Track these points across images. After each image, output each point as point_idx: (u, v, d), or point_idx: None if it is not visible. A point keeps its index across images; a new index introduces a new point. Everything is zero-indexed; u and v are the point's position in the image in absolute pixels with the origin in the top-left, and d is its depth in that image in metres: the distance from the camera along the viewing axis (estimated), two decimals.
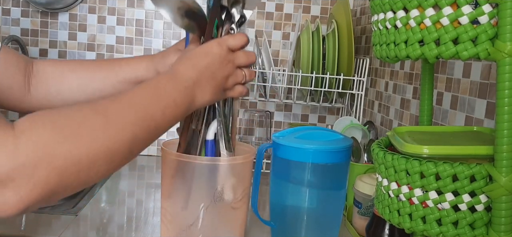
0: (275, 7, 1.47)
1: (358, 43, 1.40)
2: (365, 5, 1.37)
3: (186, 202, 0.73)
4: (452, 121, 0.86)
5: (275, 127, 1.53)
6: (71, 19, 1.45)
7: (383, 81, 1.23)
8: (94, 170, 0.42)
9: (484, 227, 0.52)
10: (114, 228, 0.91)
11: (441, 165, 0.52)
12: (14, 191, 0.38)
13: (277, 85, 1.28)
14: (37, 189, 0.38)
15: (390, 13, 0.55)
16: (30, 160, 0.38)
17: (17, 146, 0.38)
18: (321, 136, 0.84)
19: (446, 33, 0.50)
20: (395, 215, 0.57)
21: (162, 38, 1.47)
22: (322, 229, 0.83)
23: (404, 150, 0.55)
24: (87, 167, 0.41)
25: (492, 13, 0.48)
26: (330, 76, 1.22)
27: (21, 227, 0.87)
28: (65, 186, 0.41)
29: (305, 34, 1.24)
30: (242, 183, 0.74)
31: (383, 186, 0.59)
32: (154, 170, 1.38)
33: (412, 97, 1.05)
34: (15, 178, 0.37)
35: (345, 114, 1.40)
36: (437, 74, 0.92)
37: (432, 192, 0.53)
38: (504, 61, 0.47)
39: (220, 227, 0.73)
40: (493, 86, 0.74)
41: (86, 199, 1.05)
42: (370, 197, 0.87)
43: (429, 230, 0.54)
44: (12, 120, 0.40)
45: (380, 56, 0.59)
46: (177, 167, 0.72)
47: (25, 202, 0.38)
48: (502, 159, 0.49)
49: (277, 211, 0.85)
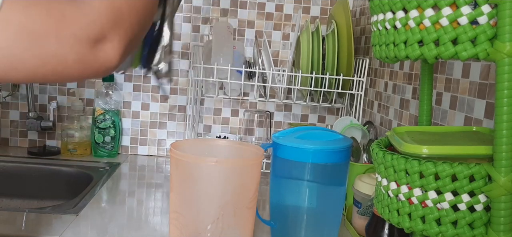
0: (275, 7, 1.48)
1: (358, 43, 1.40)
2: (365, 5, 1.37)
3: (201, 205, 0.71)
4: (451, 121, 0.87)
5: (275, 127, 1.53)
6: None
7: (382, 81, 1.24)
8: (143, 21, 0.53)
9: (483, 227, 0.53)
10: (115, 228, 0.92)
11: (441, 165, 0.52)
12: (111, 43, 0.47)
13: (277, 85, 1.29)
14: (123, 39, 0.48)
15: (390, 13, 0.55)
16: (113, 17, 0.47)
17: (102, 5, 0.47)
18: (321, 136, 0.84)
19: (445, 34, 0.50)
20: (394, 214, 0.57)
21: None
22: (321, 229, 0.83)
23: (403, 150, 0.55)
24: (143, 19, 0.52)
25: (491, 13, 0.48)
26: (330, 76, 1.22)
27: (22, 227, 0.87)
28: (135, 36, 0.51)
29: (305, 34, 1.24)
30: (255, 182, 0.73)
31: (383, 186, 0.59)
32: (154, 170, 1.38)
33: (412, 97, 1.05)
34: (106, 33, 0.46)
35: (345, 114, 1.40)
36: (437, 74, 0.92)
37: (431, 192, 0.53)
38: (503, 62, 0.47)
39: (236, 228, 0.72)
40: (492, 87, 0.74)
41: (86, 198, 1.06)
42: (369, 197, 0.87)
43: (429, 230, 0.54)
44: None
45: (379, 56, 0.59)
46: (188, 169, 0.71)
47: (120, 50, 0.48)
48: (501, 159, 0.49)
49: (277, 211, 0.85)
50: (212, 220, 0.70)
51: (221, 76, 1.27)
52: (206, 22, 1.48)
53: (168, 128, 1.51)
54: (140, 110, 1.50)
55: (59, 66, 0.45)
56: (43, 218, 0.92)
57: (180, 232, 0.72)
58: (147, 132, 1.51)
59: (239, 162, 0.74)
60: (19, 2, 0.43)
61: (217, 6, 1.47)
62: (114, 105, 1.44)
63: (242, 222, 0.73)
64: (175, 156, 0.71)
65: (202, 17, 1.47)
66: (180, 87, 1.49)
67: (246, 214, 0.73)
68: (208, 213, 0.70)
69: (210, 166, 0.70)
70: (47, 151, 1.44)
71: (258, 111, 1.44)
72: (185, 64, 1.49)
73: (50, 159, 1.39)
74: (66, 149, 1.43)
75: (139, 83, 1.49)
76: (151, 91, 1.49)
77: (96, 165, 1.35)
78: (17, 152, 1.43)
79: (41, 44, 0.43)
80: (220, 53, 1.28)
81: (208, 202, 0.70)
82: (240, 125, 1.52)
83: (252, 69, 1.30)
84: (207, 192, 0.71)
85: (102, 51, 0.46)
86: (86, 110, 1.48)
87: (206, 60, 1.34)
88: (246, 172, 0.72)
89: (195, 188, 0.71)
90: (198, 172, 0.71)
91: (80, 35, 0.45)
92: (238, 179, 0.71)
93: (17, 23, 0.42)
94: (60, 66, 0.45)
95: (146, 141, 1.52)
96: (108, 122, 1.43)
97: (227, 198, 0.70)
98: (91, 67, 0.46)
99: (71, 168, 1.33)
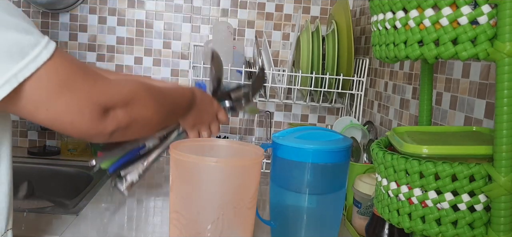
0: (275, 7, 1.48)
1: (358, 43, 1.40)
2: (365, 5, 1.37)
3: (202, 205, 0.71)
4: (451, 121, 0.87)
5: (275, 127, 1.53)
6: (72, 20, 1.45)
7: (382, 81, 1.24)
8: (145, 127, 0.66)
9: (483, 227, 0.53)
10: (115, 228, 0.92)
11: (441, 165, 0.52)
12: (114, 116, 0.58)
13: (277, 85, 1.29)
14: (123, 119, 0.60)
15: (390, 13, 0.55)
16: (129, 98, 0.61)
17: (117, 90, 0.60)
18: (321, 136, 0.84)
19: (445, 34, 0.50)
20: (394, 214, 0.57)
21: (162, 39, 1.48)
22: (321, 229, 0.83)
23: (403, 150, 0.55)
24: (141, 125, 0.64)
25: (491, 13, 0.48)
26: (330, 76, 1.22)
27: (22, 227, 0.87)
28: (130, 130, 0.62)
29: (305, 34, 1.24)
30: (255, 182, 0.73)
31: (383, 186, 0.59)
32: (154, 170, 1.38)
33: (412, 97, 1.05)
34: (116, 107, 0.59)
35: (345, 114, 1.40)
36: (437, 74, 0.92)
37: (431, 192, 0.53)
38: (503, 61, 0.47)
39: (236, 228, 0.72)
40: (492, 86, 0.74)
41: (86, 198, 1.06)
42: (369, 197, 0.87)
43: (429, 230, 0.54)
44: None
45: (379, 56, 0.59)
46: (188, 169, 0.71)
47: (115, 126, 0.59)
48: (501, 159, 0.49)
49: (277, 211, 0.85)
50: (212, 220, 0.70)
51: None
52: (206, 22, 1.48)
53: None
54: None
55: (76, 118, 0.55)
56: (43, 218, 0.92)
57: (180, 232, 0.72)
58: None
59: (239, 162, 0.73)
60: (67, 57, 0.55)
61: (217, 6, 1.47)
62: None
63: (242, 222, 0.73)
64: (175, 156, 0.71)
65: (202, 17, 1.47)
66: None
67: (246, 214, 0.73)
68: (208, 213, 0.70)
69: (210, 166, 0.69)
70: (47, 151, 1.44)
71: (258, 111, 1.44)
72: (185, 64, 1.49)
73: (50, 159, 1.39)
74: (66, 149, 1.43)
75: None
76: None
77: None
78: (17, 152, 1.43)
79: (73, 98, 0.54)
80: (220, 53, 1.28)
81: (208, 202, 0.70)
82: (240, 125, 1.52)
83: (252, 69, 1.30)
84: (207, 192, 0.71)
85: (107, 119, 0.58)
86: None
87: (206, 60, 1.34)
88: (246, 172, 0.72)
89: (195, 188, 0.71)
90: (198, 172, 0.71)
91: (101, 101, 0.57)
92: (238, 179, 0.71)
93: (62, 76, 0.54)
94: (78, 119, 0.55)
95: None
96: None
97: (227, 198, 0.70)
98: (96, 128, 0.57)
99: (71, 168, 1.33)
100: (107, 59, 1.47)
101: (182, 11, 1.46)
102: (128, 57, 1.47)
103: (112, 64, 1.47)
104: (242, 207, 0.71)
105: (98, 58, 1.47)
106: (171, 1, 1.46)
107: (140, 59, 1.48)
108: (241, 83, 1.23)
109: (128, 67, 1.48)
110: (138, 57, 1.48)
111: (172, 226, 0.73)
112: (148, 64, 1.48)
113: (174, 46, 1.48)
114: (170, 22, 1.47)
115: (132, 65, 1.48)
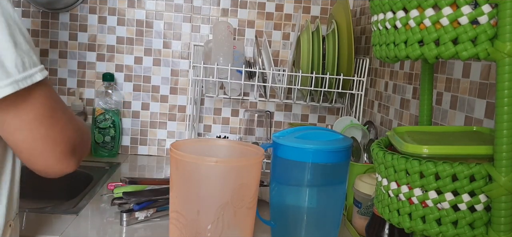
0: (275, 7, 1.48)
1: (358, 43, 1.40)
2: (365, 5, 1.37)
3: (202, 205, 0.71)
4: (451, 121, 0.87)
5: (275, 127, 1.53)
6: (71, 19, 1.45)
7: (382, 81, 1.24)
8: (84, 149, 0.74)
9: (483, 227, 0.53)
10: (115, 228, 0.91)
11: (441, 165, 0.52)
12: (76, 158, 0.68)
13: (277, 85, 1.29)
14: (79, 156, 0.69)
15: (390, 13, 0.55)
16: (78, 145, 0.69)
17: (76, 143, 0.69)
18: (321, 136, 0.84)
19: (445, 33, 0.50)
20: (394, 214, 0.57)
21: (163, 39, 1.48)
22: (322, 229, 0.83)
23: (403, 150, 0.55)
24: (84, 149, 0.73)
25: (492, 13, 0.48)
26: (330, 76, 1.22)
27: (22, 227, 0.87)
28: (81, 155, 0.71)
29: (305, 34, 1.24)
30: (255, 182, 0.73)
31: (383, 185, 0.59)
32: (154, 170, 1.38)
33: (412, 97, 1.05)
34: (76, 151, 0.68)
35: (345, 114, 1.40)
36: (437, 74, 0.92)
37: (431, 192, 0.53)
38: (503, 61, 0.47)
39: (236, 228, 0.72)
40: (493, 86, 0.74)
41: (86, 198, 1.05)
42: (370, 196, 0.87)
43: (429, 230, 0.54)
44: None
45: (379, 56, 0.59)
46: (188, 169, 0.71)
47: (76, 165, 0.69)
48: (502, 159, 0.49)
49: (277, 211, 0.85)
50: (212, 220, 0.70)
51: (221, 76, 1.27)
52: (206, 22, 1.48)
53: (168, 128, 1.51)
54: (140, 110, 1.50)
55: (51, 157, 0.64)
56: (43, 218, 0.92)
57: (180, 232, 0.72)
58: (147, 132, 1.51)
59: (239, 162, 0.73)
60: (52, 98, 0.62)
61: (217, 6, 1.47)
62: (114, 105, 1.44)
63: (242, 222, 0.73)
64: (175, 156, 0.70)
65: (202, 16, 1.47)
66: (180, 87, 1.49)
67: (246, 214, 0.73)
68: (208, 213, 0.70)
69: (210, 166, 0.69)
70: None
71: (258, 111, 1.44)
72: (185, 64, 1.49)
73: None
74: None
75: (139, 83, 1.49)
76: (151, 91, 1.49)
77: (96, 165, 1.35)
78: None
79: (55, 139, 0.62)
80: (220, 53, 1.28)
81: (208, 202, 0.70)
82: (240, 125, 1.52)
83: (252, 69, 1.30)
84: (207, 192, 0.71)
85: (71, 160, 0.67)
86: (86, 110, 1.48)
87: (206, 60, 1.34)
88: (246, 172, 0.72)
89: (195, 188, 0.71)
90: (198, 172, 0.71)
91: (75, 144, 0.67)
92: (238, 179, 0.71)
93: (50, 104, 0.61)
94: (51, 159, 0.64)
95: (146, 141, 1.52)
96: (108, 122, 1.43)
97: (227, 198, 0.70)
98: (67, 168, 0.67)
99: None
100: (107, 59, 1.47)
101: (182, 11, 1.46)
102: (128, 57, 1.47)
103: (112, 64, 1.47)
104: (242, 207, 0.71)
105: (98, 58, 1.47)
106: (171, 1, 1.46)
107: (140, 59, 1.48)
108: None
109: (128, 67, 1.48)
110: (138, 57, 1.48)
111: (172, 226, 0.73)
112: (148, 64, 1.48)
113: (174, 46, 1.48)
114: (170, 22, 1.47)
115: (132, 65, 1.48)
